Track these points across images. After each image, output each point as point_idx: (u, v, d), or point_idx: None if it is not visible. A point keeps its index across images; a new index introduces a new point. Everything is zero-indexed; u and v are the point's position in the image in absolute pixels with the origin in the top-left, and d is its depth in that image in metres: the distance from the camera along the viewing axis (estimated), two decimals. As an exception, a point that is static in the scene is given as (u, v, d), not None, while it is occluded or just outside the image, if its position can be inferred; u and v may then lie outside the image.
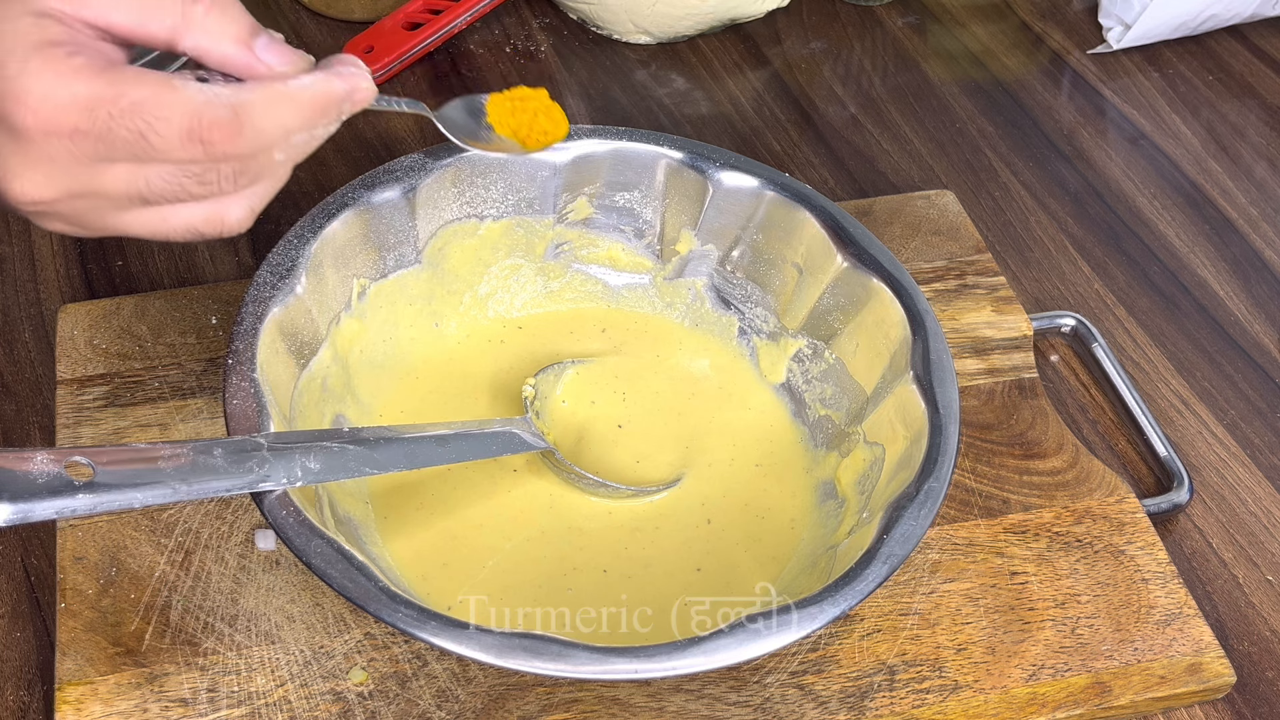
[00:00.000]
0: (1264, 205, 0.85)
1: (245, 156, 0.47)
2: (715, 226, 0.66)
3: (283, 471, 0.50)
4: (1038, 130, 0.89)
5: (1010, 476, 0.65)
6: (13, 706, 0.56)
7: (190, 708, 0.54)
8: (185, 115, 0.45)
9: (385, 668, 0.55)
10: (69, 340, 0.65)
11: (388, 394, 0.64)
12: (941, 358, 0.59)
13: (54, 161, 0.45)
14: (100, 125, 0.44)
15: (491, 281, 0.68)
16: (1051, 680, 0.57)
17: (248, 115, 0.46)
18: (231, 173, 0.47)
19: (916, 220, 0.76)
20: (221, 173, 0.47)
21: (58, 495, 0.44)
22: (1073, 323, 0.74)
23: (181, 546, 0.58)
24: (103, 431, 0.62)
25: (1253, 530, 0.67)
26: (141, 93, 0.44)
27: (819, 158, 0.85)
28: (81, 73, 0.44)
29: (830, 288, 0.64)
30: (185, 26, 0.46)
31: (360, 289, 0.63)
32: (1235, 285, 0.80)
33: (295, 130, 0.48)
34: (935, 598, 0.60)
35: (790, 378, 0.66)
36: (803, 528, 0.61)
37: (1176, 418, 0.72)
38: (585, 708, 0.55)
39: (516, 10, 0.94)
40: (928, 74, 0.93)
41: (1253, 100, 0.93)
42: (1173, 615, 0.60)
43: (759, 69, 0.92)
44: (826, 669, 0.57)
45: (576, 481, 0.62)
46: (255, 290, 0.57)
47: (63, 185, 0.46)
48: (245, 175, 0.48)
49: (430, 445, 0.56)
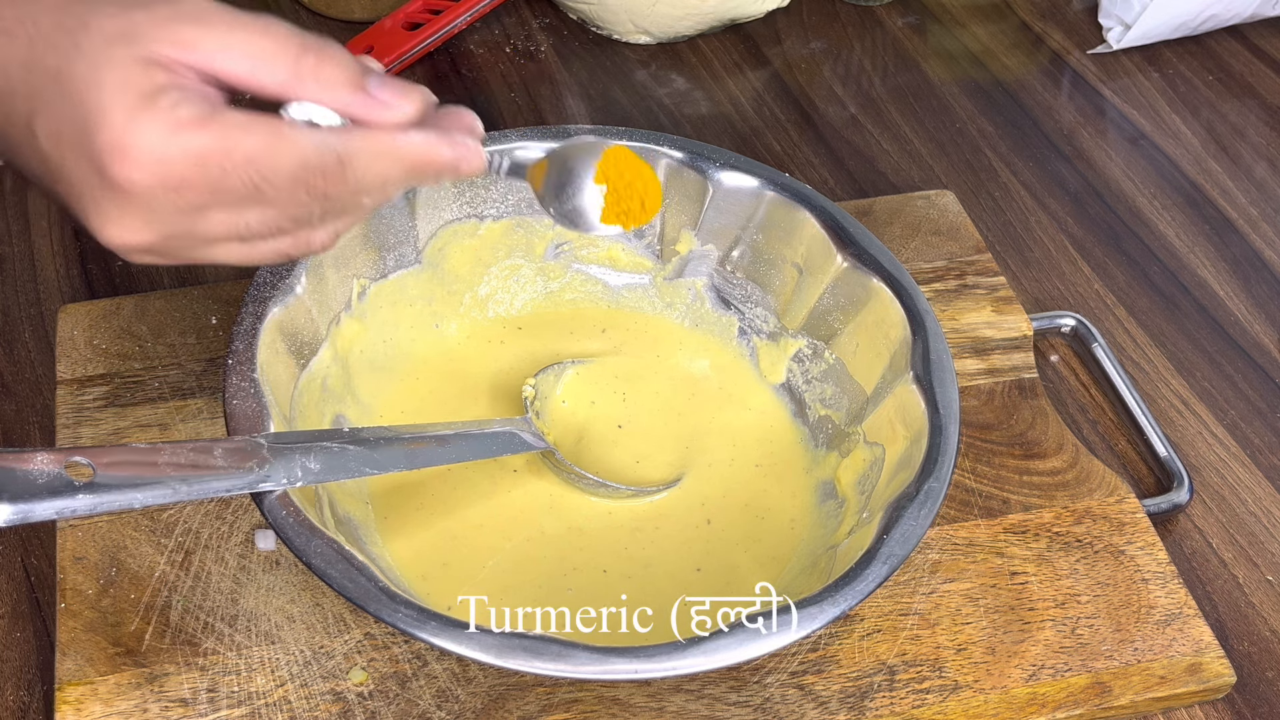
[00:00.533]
0: (1264, 205, 0.85)
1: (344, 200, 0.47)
2: (715, 226, 0.66)
3: (283, 472, 0.50)
4: (1038, 130, 0.89)
5: (1010, 476, 0.65)
6: (13, 706, 0.56)
7: (190, 708, 0.54)
8: (295, 164, 0.44)
9: (385, 668, 0.55)
10: (69, 340, 0.65)
11: (388, 394, 0.64)
12: (941, 358, 0.59)
13: (154, 211, 0.44)
14: (212, 179, 0.44)
15: (492, 282, 0.68)
16: (1051, 680, 0.57)
17: (353, 164, 0.45)
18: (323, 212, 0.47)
19: (916, 220, 0.76)
20: (315, 212, 0.47)
21: (58, 496, 0.44)
22: (1073, 323, 0.74)
23: (181, 546, 0.58)
24: (103, 431, 0.62)
25: (1253, 530, 0.67)
26: (253, 144, 0.44)
27: (819, 158, 0.85)
28: (189, 125, 0.43)
29: (830, 288, 0.64)
30: (297, 81, 0.45)
31: (360, 289, 0.63)
32: (1235, 285, 0.80)
33: (394, 184, 0.47)
34: (935, 598, 0.60)
35: (790, 378, 0.66)
36: (803, 528, 0.61)
37: (1176, 418, 0.72)
38: (585, 708, 0.55)
39: (516, 10, 0.94)
40: (928, 74, 0.93)
41: (1253, 100, 0.93)
42: (1173, 615, 0.60)
43: (759, 69, 0.92)
44: (826, 669, 0.57)
45: (576, 482, 0.62)
46: (255, 290, 0.57)
47: (160, 231, 0.45)
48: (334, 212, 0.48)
49: (430, 445, 0.56)
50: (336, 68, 0.45)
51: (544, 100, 0.87)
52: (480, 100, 0.87)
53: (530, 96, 0.88)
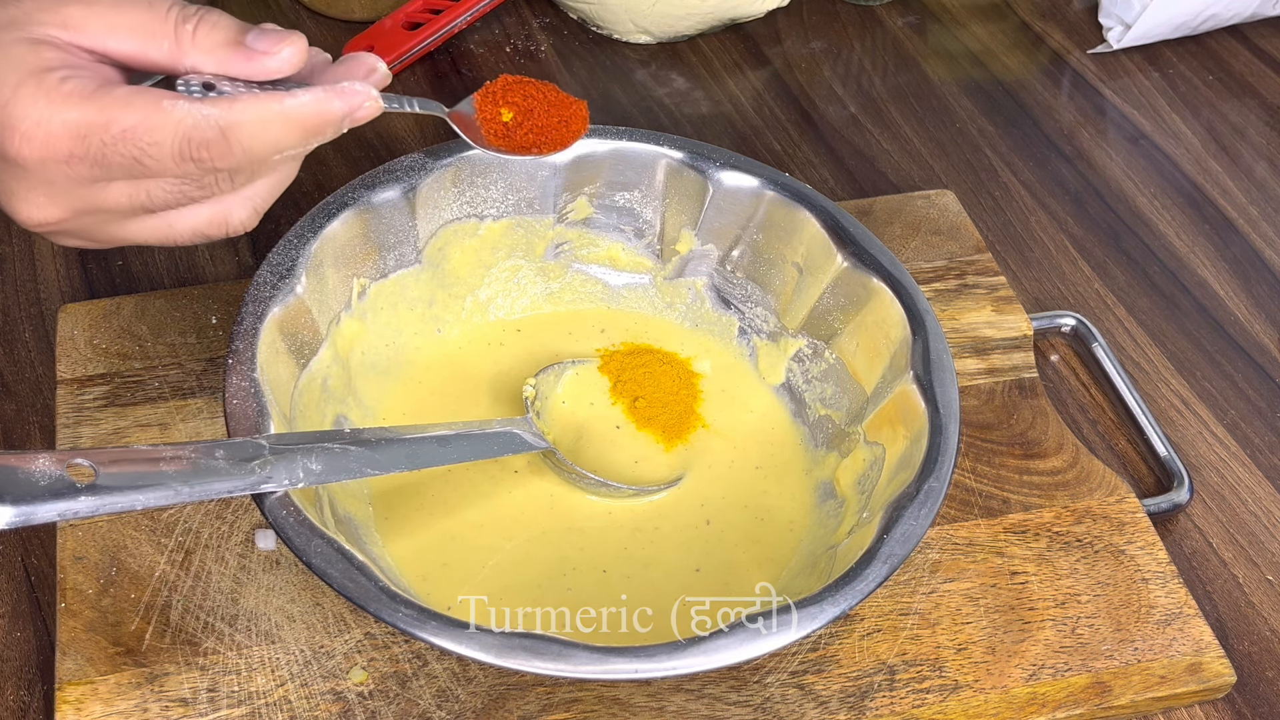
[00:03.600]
0: (1264, 205, 0.85)
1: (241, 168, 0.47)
2: (715, 226, 0.66)
3: (285, 473, 0.50)
4: (1038, 130, 0.89)
5: (1010, 476, 0.65)
6: (13, 706, 0.56)
7: (190, 707, 0.54)
8: (175, 138, 0.45)
9: (385, 668, 0.55)
10: (69, 340, 0.65)
11: (389, 396, 0.64)
12: (941, 357, 0.59)
13: (53, 184, 0.45)
14: (94, 151, 0.45)
15: (493, 285, 0.68)
16: (1051, 680, 0.58)
17: (236, 135, 0.46)
18: (229, 176, 0.48)
19: (916, 220, 0.76)
20: (219, 178, 0.47)
21: (60, 498, 0.44)
22: (1073, 323, 0.74)
23: (182, 546, 0.58)
24: (103, 431, 0.62)
25: (1253, 530, 0.67)
26: (131, 118, 0.45)
27: (819, 158, 0.85)
28: (72, 98, 0.44)
29: (830, 287, 0.64)
30: (180, 50, 0.46)
31: (360, 289, 0.63)
32: (1235, 285, 0.80)
33: (288, 147, 0.48)
34: (935, 598, 0.60)
35: (790, 378, 0.66)
36: (802, 528, 0.61)
37: (1176, 418, 0.72)
38: (585, 708, 0.55)
39: (516, 10, 0.94)
40: (928, 74, 0.93)
41: (1253, 100, 0.93)
42: (1173, 615, 0.60)
43: (759, 69, 0.92)
44: (826, 669, 0.57)
45: (577, 481, 0.62)
46: (255, 290, 0.57)
47: (66, 205, 0.46)
48: (243, 176, 0.48)
49: (431, 446, 0.56)
50: (212, 30, 0.46)
51: (544, 100, 0.87)
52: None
53: (530, 96, 0.88)
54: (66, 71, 0.45)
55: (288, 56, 0.47)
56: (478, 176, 0.64)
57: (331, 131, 0.49)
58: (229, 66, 0.47)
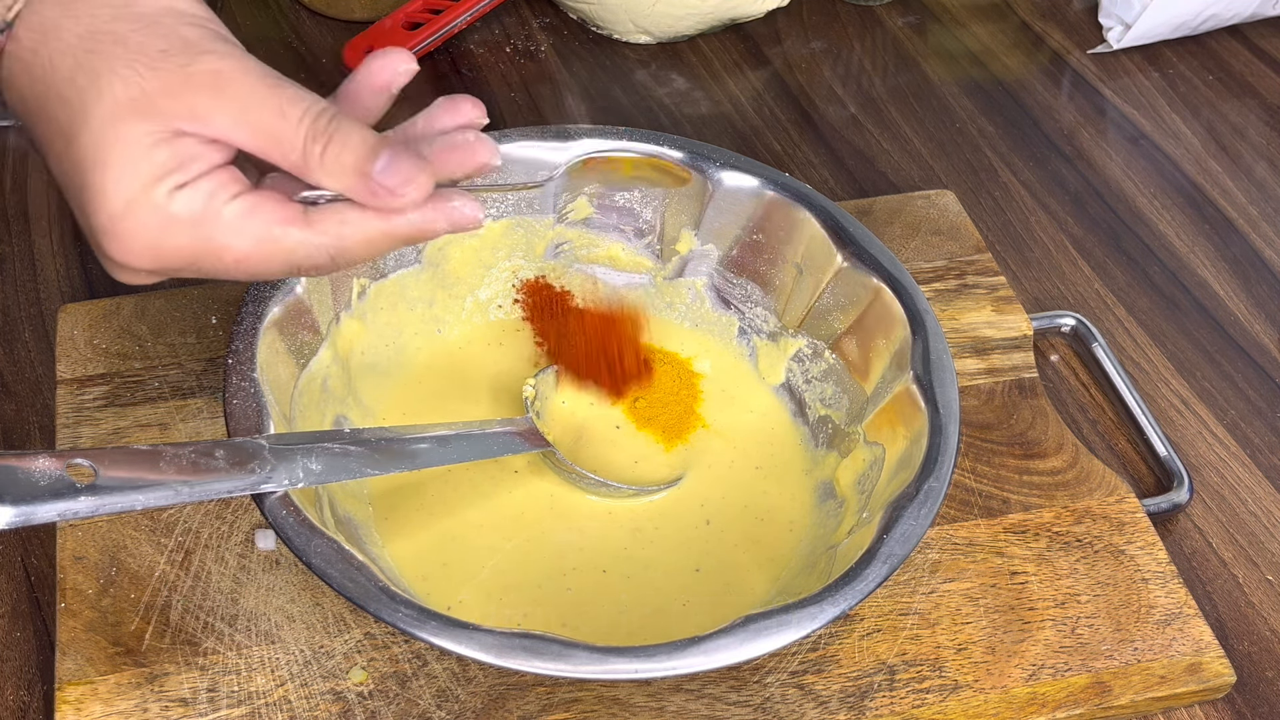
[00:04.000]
0: (1264, 205, 0.85)
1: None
2: (715, 226, 0.66)
3: (285, 473, 0.50)
4: (1038, 130, 0.89)
5: (1010, 476, 0.65)
6: (13, 706, 0.56)
7: (190, 707, 0.54)
8: (286, 265, 0.47)
9: (385, 668, 0.55)
10: (69, 340, 0.65)
11: (389, 396, 0.64)
12: (941, 357, 0.59)
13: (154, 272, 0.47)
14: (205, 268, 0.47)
15: (493, 285, 0.68)
16: (1051, 680, 0.58)
17: (343, 256, 0.48)
18: None
19: (916, 220, 0.76)
20: None
21: (60, 498, 0.44)
22: (1073, 323, 0.74)
23: (181, 546, 0.58)
24: (103, 431, 0.62)
25: (1253, 530, 0.67)
26: (243, 247, 0.46)
27: (819, 158, 0.85)
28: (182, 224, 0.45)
29: (830, 287, 0.64)
30: (307, 167, 0.46)
31: (360, 289, 0.63)
32: (1235, 285, 0.80)
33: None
34: (935, 598, 0.60)
35: (790, 378, 0.66)
36: (802, 528, 0.61)
37: (1176, 418, 0.72)
38: (585, 708, 0.55)
39: (516, 10, 0.94)
40: (928, 74, 0.93)
41: (1253, 100, 0.93)
42: (1173, 615, 0.60)
43: (759, 69, 0.92)
44: (826, 669, 0.57)
45: (577, 481, 0.62)
46: (255, 290, 0.57)
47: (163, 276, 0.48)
48: None
49: (432, 446, 0.56)
50: (341, 152, 0.46)
51: (544, 100, 0.87)
52: (480, 100, 0.87)
53: (530, 96, 0.88)
54: (180, 177, 0.45)
55: (412, 199, 0.47)
56: (478, 176, 0.64)
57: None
58: (353, 193, 0.47)
